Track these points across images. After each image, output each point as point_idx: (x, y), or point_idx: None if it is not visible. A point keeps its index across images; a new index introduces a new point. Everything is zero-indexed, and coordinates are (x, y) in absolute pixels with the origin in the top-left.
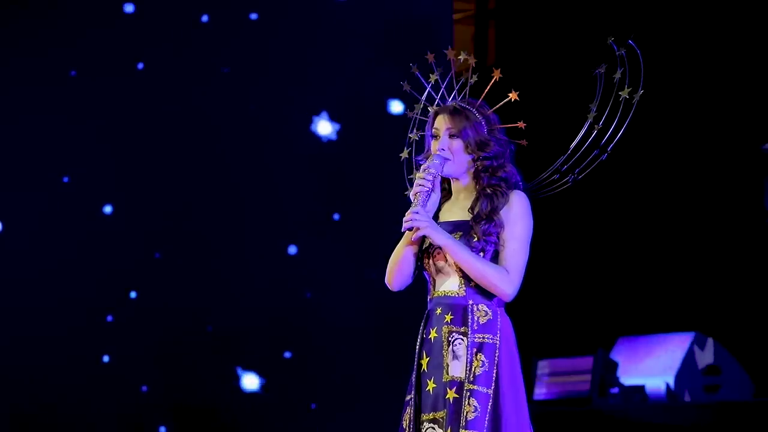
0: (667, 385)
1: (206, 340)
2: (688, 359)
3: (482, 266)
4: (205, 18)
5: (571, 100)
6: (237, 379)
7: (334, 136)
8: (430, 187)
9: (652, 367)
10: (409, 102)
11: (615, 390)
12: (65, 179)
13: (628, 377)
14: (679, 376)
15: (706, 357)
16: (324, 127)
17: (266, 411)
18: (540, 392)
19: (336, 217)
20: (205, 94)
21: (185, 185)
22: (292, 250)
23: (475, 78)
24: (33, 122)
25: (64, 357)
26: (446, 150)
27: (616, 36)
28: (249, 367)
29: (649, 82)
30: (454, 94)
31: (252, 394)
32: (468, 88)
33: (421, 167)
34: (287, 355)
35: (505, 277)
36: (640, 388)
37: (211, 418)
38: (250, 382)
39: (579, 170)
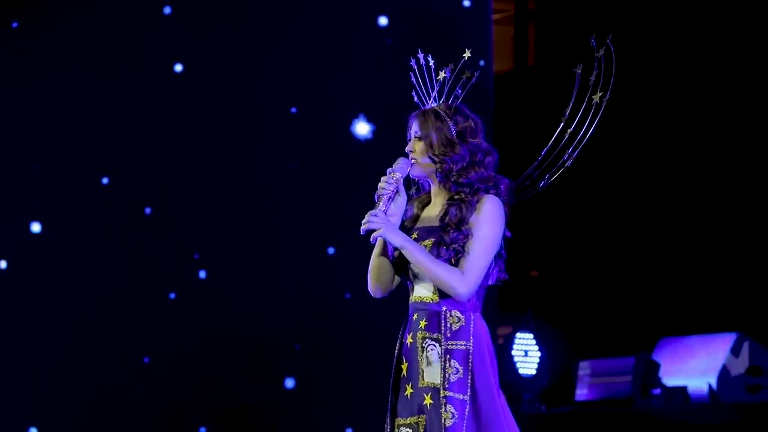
0: (709, 386)
1: (246, 340)
2: (730, 360)
3: (435, 267)
4: (242, 20)
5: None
6: (276, 379)
7: (371, 137)
8: (393, 189)
9: (694, 367)
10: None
11: (657, 391)
12: (105, 180)
13: (670, 378)
14: (722, 376)
15: (748, 358)
16: (361, 128)
17: (306, 411)
18: (582, 393)
19: None
20: (243, 96)
21: (224, 186)
22: (331, 250)
23: (468, 75)
24: (73, 124)
25: (105, 358)
26: (414, 152)
27: (598, 36)
28: (288, 368)
29: (662, 82)
30: (435, 96)
31: (291, 394)
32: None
33: (387, 170)
34: (327, 355)
35: (458, 278)
36: (682, 389)
37: (250, 418)
38: (290, 382)
39: (549, 175)
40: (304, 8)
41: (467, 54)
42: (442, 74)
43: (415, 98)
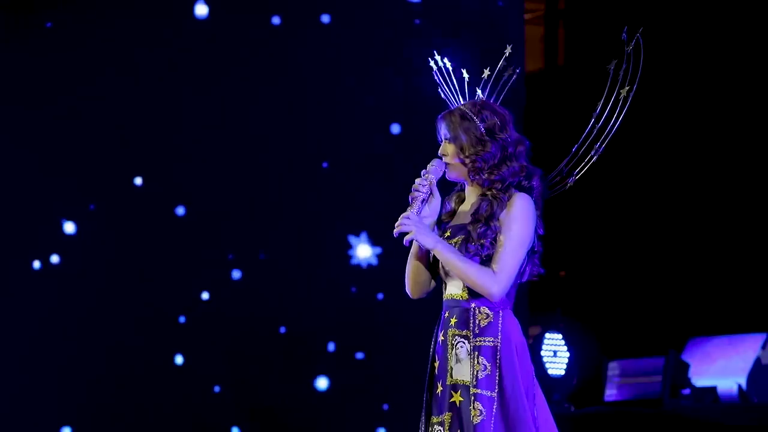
0: (739, 386)
1: (278, 341)
2: (761, 360)
3: (467, 267)
4: (276, 20)
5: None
6: (309, 380)
7: (405, 136)
8: (426, 192)
9: (723, 368)
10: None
11: (686, 391)
12: (138, 181)
13: (699, 378)
14: (752, 377)
15: None
16: (396, 128)
17: (338, 412)
18: (611, 393)
19: None
20: (275, 95)
21: (258, 187)
22: (363, 250)
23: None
24: (105, 124)
25: (137, 358)
26: (448, 155)
27: (629, 32)
28: (321, 368)
29: (692, 77)
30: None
31: (324, 395)
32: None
33: (421, 172)
34: (359, 355)
35: (491, 277)
36: (712, 390)
37: (283, 418)
38: (322, 382)
39: (577, 172)
40: (337, 7)
41: (508, 50)
42: (486, 72)
43: (443, 95)
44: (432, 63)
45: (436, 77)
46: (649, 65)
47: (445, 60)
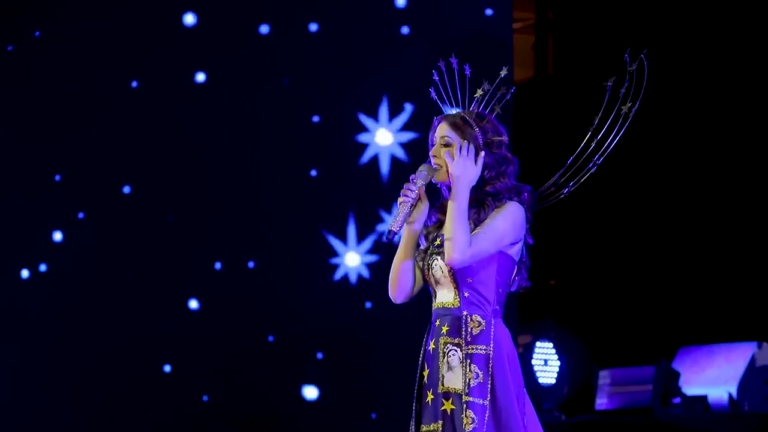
0: (730, 395)
1: (267, 350)
2: (751, 369)
3: (460, 224)
4: (265, 29)
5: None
6: (298, 389)
7: (393, 146)
8: (414, 197)
9: (714, 376)
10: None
11: (677, 400)
12: (126, 189)
13: (690, 387)
14: (742, 385)
15: None
16: (384, 137)
17: (327, 421)
18: (601, 402)
19: None
20: (265, 105)
21: (246, 196)
22: (352, 258)
23: (503, 90)
24: (94, 133)
25: (125, 367)
26: (438, 157)
27: (631, 50)
28: (310, 377)
29: (684, 92)
30: (473, 104)
31: (312, 404)
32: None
33: (410, 177)
34: (348, 364)
35: (464, 244)
36: (703, 398)
37: (272, 427)
38: (311, 392)
39: (573, 183)
40: (326, 18)
41: (504, 71)
42: (479, 92)
43: (433, 95)
44: (442, 65)
45: (435, 77)
46: (638, 76)
47: (465, 66)
